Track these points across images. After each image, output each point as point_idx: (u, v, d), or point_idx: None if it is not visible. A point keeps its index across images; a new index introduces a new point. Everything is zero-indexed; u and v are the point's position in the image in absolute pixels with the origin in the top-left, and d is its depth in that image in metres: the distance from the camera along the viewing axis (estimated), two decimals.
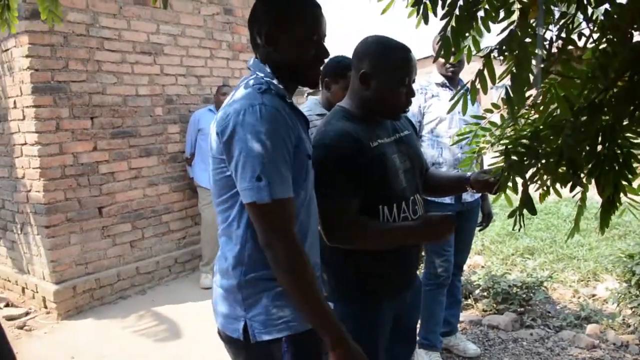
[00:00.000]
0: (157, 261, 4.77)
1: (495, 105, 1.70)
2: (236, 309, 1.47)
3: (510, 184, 1.57)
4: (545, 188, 1.56)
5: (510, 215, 1.60)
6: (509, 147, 1.58)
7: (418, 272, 2.20)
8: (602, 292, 4.24)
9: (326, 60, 1.70)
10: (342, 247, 1.82)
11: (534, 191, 1.53)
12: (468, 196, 3.04)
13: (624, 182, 1.37)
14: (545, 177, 1.53)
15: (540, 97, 1.31)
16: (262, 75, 1.47)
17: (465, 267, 4.50)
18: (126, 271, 4.51)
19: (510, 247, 5.31)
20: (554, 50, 1.29)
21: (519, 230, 1.61)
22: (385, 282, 1.97)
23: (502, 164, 1.62)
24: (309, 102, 2.88)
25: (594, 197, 1.88)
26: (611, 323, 3.68)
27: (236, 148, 1.35)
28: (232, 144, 1.35)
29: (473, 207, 3.18)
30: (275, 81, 1.46)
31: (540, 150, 1.49)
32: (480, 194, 3.19)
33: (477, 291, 4.11)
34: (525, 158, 1.53)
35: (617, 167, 1.33)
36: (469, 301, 4.05)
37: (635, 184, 1.49)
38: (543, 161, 1.49)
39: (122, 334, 3.81)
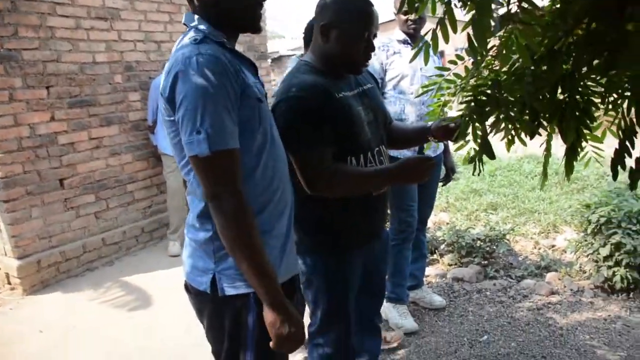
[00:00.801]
0: (124, 231, 4.72)
1: (459, 57, 1.72)
2: (206, 262, 1.47)
3: (470, 131, 1.61)
4: (510, 137, 1.60)
5: (470, 161, 1.64)
6: (470, 95, 1.61)
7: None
8: (561, 243, 4.40)
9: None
10: (325, 195, 1.86)
11: (499, 141, 1.57)
12: (430, 151, 3.08)
13: (585, 130, 1.41)
14: (509, 125, 1.57)
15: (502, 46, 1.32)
16: (196, 24, 1.42)
17: (430, 224, 4.61)
18: (92, 243, 4.45)
19: (475, 203, 5.44)
20: None
21: (478, 174, 1.65)
22: (354, 231, 2.02)
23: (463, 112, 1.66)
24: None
25: (555, 154, 1.93)
26: (569, 271, 3.84)
27: (177, 104, 1.32)
28: (174, 102, 1.33)
29: (436, 162, 3.23)
30: (211, 29, 1.41)
31: (501, 99, 1.52)
32: (442, 150, 3.25)
33: (442, 246, 4.22)
34: (485, 106, 1.56)
35: (577, 114, 1.36)
36: (435, 256, 4.15)
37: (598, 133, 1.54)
38: (504, 109, 1.52)
39: (90, 306, 3.78)
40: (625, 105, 1.34)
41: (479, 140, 1.61)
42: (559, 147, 1.50)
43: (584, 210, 3.79)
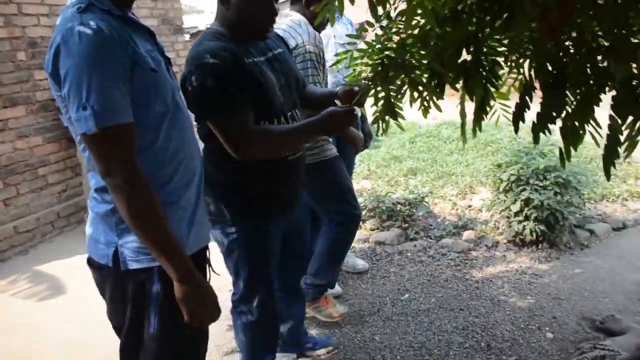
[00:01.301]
0: (37, 218, 4.51)
1: (369, 23, 1.73)
2: (108, 235, 1.42)
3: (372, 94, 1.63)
4: (425, 104, 1.63)
5: (374, 122, 1.67)
6: (377, 59, 1.63)
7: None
8: (477, 203, 4.60)
9: None
10: (256, 158, 1.86)
11: (417, 110, 1.60)
12: None
13: (492, 88, 1.45)
14: (415, 89, 1.60)
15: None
16: None
17: None
18: (2, 232, 4.23)
19: (395, 169, 5.57)
20: None
21: (382, 135, 1.69)
22: (271, 198, 2.03)
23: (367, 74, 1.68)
24: (303, 27, 2.62)
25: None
26: (484, 228, 4.03)
27: (62, 80, 1.25)
28: (59, 77, 1.26)
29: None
30: None
31: (405, 62, 1.55)
32: (359, 117, 3.29)
33: (364, 212, 4.30)
34: (390, 70, 1.58)
35: (483, 73, 1.40)
36: None
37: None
38: (409, 72, 1.55)
39: (2, 297, 3.61)
40: (526, 64, 1.39)
41: (381, 103, 1.63)
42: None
43: (496, 170, 3.98)
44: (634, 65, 1.15)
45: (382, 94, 1.61)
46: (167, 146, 1.41)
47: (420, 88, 1.55)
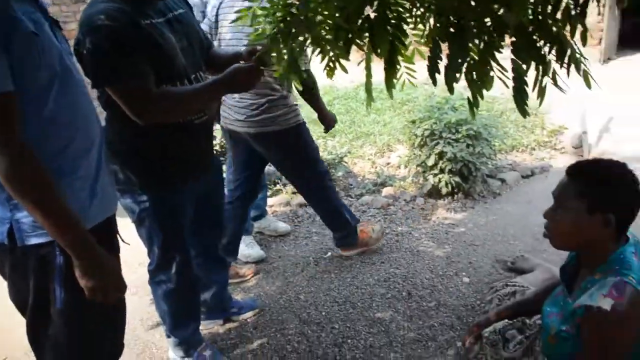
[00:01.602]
0: None
1: None
2: (0, 211, 1.33)
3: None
4: (331, 65, 1.59)
5: (281, 79, 1.63)
6: (280, 17, 1.57)
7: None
8: (394, 160, 4.69)
9: None
10: (159, 122, 1.78)
11: (322, 71, 1.55)
12: None
13: (399, 44, 1.43)
14: (318, 46, 1.56)
15: None
16: None
17: None
18: None
19: (314, 132, 5.54)
20: None
21: (289, 92, 1.65)
22: (180, 165, 1.97)
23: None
24: None
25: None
26: (403, 184, 4.12)
27: None
28: None
29: None
30: None
31: (307, 18, 1.50)
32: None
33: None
34: (292, 27, 1.53)
35: (389, 29, 1.38)
36: (279, 187, 4.21)
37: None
38: (311, 29, 1.51)
39: None
40: (432, 19, 1.39)
41: (285, 61, 1.59)
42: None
43: (411, 126, 4.05)
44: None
45: (285, 53, 1.57)
46: (57, 114, 1.32)
47: (326, 46, 1.52)
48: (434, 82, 1.40)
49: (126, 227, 1.98)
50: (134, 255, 2.37)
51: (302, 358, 2.30)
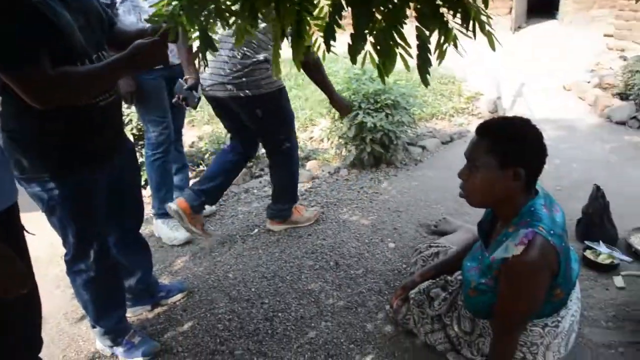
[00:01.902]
0: None
1: None
2: None
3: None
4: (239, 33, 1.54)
5: (194, 57, 1.58)
6: None
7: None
8: (317, 134, 4.70)
9: None
10: (60, 105, 1.67)
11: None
12: (175, 59, 2.95)
13: (306, 14, 1.39)
14: (232, 19, 1.51)
15: None
16: None
17: (194, 138, 4.55)
18: None
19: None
20: None
21: (204, 68, 1.60)
22: (88, 149, 1.87)
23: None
24: None
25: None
26: (327, 157, 4.14)
27: None
28: None
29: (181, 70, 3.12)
30: None
31: None
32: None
33: (207, 156, 4.21)
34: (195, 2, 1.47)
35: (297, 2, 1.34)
36: (202, 167, 4.13)
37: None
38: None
39: None
40: None
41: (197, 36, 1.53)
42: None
43: None
44: None
45: (195, 29, 1.52)
46: None
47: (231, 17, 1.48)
48: (328, 49, 1.39)
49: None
50: (58, 248, 2.24)
51: (234, 335, 2.28)
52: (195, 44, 1.55)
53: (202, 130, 5.01)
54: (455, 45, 1.37)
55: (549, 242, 1.51)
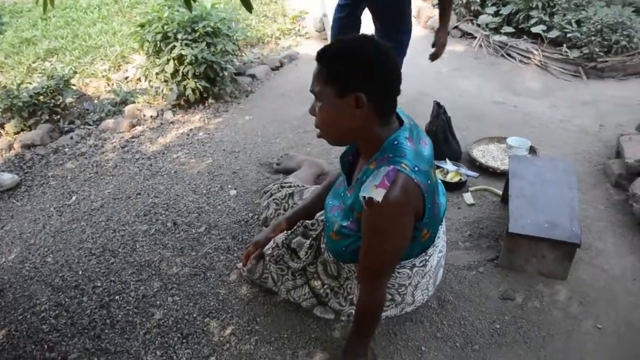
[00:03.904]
0: None
1: None
2: None
3: None
4: None
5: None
6: None
7: None
8: (132, 73, 4.16)
9: None
10: None
11: None
12: None
13: None
14: None
15: None
16: None
17: None
18: None
19: (30, 55, 4.67)
20: None
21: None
22: None
23: None
24: None
25: None
26: (146, 98, 3.67)
27: None
28: None
29: None
30: None
31: None
32: None
33: None
34: None
35: None
36: None
37: None
38: None
39: None
40: None
41: None
42: None
43: (141, 31, 3.53)
44: None
45: None
46: None
47: None
48: None
49: None
50: None
51: (65, 335, 1.90)
52: None
53: None
54: None
55: (412, 180, 1.34)
